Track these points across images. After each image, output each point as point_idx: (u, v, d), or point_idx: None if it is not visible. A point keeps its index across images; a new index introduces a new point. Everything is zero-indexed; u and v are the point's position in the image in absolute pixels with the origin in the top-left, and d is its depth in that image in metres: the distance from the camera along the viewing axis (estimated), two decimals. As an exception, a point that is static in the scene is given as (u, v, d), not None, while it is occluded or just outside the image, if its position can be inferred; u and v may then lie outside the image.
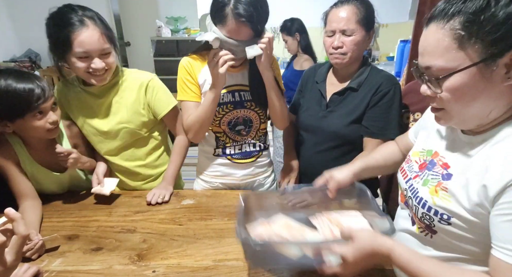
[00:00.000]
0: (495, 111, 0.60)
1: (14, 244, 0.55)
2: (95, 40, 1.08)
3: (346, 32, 1.15)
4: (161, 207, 1.23)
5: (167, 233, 1.08)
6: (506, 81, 0.56)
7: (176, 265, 0.94)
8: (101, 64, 1.11)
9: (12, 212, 0.56)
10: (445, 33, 0.58)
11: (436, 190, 0.69)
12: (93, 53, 1.09)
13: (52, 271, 0.91)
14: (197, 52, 1.25)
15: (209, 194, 1.32)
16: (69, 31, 1.05)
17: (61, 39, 1.06)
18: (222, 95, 1.23)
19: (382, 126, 1.20)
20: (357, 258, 0.65)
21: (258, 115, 1.30)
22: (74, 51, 1.07)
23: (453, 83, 0.59)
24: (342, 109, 1.25)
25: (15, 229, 0.55)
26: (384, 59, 4.62)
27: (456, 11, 0.57)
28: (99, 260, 0.96)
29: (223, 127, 1.28)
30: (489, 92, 0.58)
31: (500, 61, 0.55)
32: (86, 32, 1.06)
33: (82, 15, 1.08)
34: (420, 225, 0.75)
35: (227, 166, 1.35)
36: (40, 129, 1.06)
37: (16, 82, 0.99)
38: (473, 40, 0.56)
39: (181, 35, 4.48)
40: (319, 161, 1.33)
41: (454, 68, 0.58)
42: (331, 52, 1.20)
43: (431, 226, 0.71)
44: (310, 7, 4.39)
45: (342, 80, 1.28)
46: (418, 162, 0.79)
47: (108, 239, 1.05)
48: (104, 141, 1.29)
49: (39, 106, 1.02)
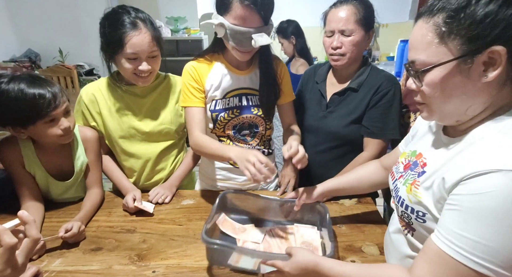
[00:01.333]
0: (472, 108, 0.61)
1: (25, 247, 0.56)
2: (146, 43, 1.09)
3: (345, 32, 1.15)
4: (161, 207, 1.23)
5: (167, 233, 1.08)
6: (483, 79, 0.57)
7: (175, 265, 0.94)
8: (147, 67, 1.12)
9: (25, 214, 0.56)
10: (428, 28, 0.60)
11: (411, 188, 0.71)
12: (142, 55, 1.10)
13: (52, 271, 0.91)
14: (202, 56, 1.21)
15: (209, 194, 1.31)
16: (123, 32, 1.06)
17: (114, 39, 1.07)
18: (228, 100, 1.20)
19: (382, 126, 1.19)
20: (291, 270, 0.77)
21: (264, 121, 1.26)
22: (125, 52, 1.08)
23: (432, 77, 0.61)
24: (342, 110, 1.25)
25: (27, 231, 0.56)
26: (384, 59, 4.62)
27: (441, 8, 0.59)
28: (98, 260, 0.96)
29: (227, 132, 1.25)
30: (467, 89, 0.59)
31: (478, 58, 0.56)
32: (139, 35, 1.08)
33: (135, 17, 1.09)
34: (402, 224, 0.77)
35: (228, 170, 1.32)
36: (52, 135, 1.06)
37: (28, 87, 0.98)
38: (453, 36, 0.57)
39: (181, 35, 4.48)
40: (319, 161, 1.33)
41: (434, 62, 0.60)
42: (331, 53, 1.20)
43: (410, 224, 0.73)
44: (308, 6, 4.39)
45: (342, 80, 1.28)
46: (404, 163, 0.81)
47: (107, 239, 1.05)
48: (141, 143, 1.28)
49: (50, 113, 1.01)
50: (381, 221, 1.13)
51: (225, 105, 1.20)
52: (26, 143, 1.13)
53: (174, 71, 1.36)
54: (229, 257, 0.87)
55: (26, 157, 1.13)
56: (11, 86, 0.98)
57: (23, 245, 0.56)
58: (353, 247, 1.00)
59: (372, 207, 1.22)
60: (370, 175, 1.03)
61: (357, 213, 1.18)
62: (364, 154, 1.24)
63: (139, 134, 1.26)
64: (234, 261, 0.87)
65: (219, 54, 1.20)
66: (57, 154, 1.17)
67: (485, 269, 0.53)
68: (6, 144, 1.12)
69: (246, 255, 0.86)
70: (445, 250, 0.57)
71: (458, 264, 0.55)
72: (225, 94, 1.19)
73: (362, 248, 1.00)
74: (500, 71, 0.56)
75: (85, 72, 3.92)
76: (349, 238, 1.04)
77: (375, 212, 1.19)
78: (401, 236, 0.80)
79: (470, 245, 0.54)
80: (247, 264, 0.87)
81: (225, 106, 1.20)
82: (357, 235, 1.06)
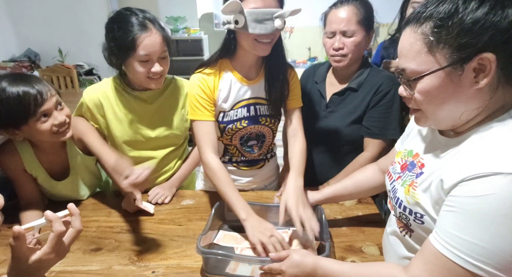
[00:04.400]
0: (466, 114, 0.62)
1: (69, 236, 0.63)
2: (158, 44, 1.07)
3: (347, 33, 1.14)
4: (161, 207, 1.23)
5: (167, 233, 1.08)
6: (474, 85, 0.57)
7: (175, 266, 0.94)
8: (160, 68, 1.09)
9: (73, 207, 0.64)
10: (417, 37, 0.60)
11: (409, 190, 0.71)
12: (154, 56, 1.08)
13: (52, 271, 0.91)
14: (208, 66, 1.13)
15: (209, 194, 1.31)
16: (135, 34, 1.03)
17: (126, 42, 1.04)
18: (236, 111, 1.16)
19: (383, 126, 1.19)
20: (288, 269, 0.78)
21: (271, 130, 1.24)
22: (137, 54, 1.05)
23: (424, 86, 0.61)
24: (342, 110, 1.25)
25: (72, 222, 0.64)
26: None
27: (428, 16, 0.58)
28: (98, 261, 0.96)
29: (234, 142, 1.23)
30: (459, 95, 0.60)
31: (468, 66, 0.56)
32: (150, 36, 1.05)
33: (143, 18, 1.07)
34: (399, 225, 0.77)
35: (232, 173, 1.30)
36: (47, 133, 1.02)
37: (10, 86, 0.95)
38: (442, 45, 0.57)
39: (181, 35, 4.47)
40: (319, 161, 1.33)
41: (424, 71, 0.60)
42: (332, 54, 1.19)
43: (408, 225, 0.73)
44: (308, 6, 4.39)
45: (342, 80, 1.28)
46: (400, 163, 0.81)
47: (107, 239, 1.05)
48: (146, 148, 1.26)
49: (38, 109, 0.98)
50: (381, 221, 1.13)
51: (233, 117, 1.17)
52: (23, 145, 1.11)
53: (173, 71, 1.35)
54: (226, 266, 0.87)
55: (25, 160, 1.11)
56: None
57: (68, 234, 0.63)
58: (353, 247, 1.00)
59: (372, 207, 1.22)
60: (368, 180, 1.03)
61: (357, 213, 1.18)
62: (364, 154, 1.24)
63: (144, 140, 1.24)
64: (232, 270, 0.88)
65: (227, 62, 1.14)
66: (54, 153, 1.15)
67: (481, 271, 0.53)
68: (3, 149, 1.10)
69: (243, 263, 0.86)
70: (442, 251, 0.57)
71: (455, 266, 0.55)
72: (233, 106, 1.16)
73: (362, 248, 1.00)
74: (490, 77, 0.56)
75: (84, 72, 3.90)
76: (349, 238, 1.04)
77: (375, 213, 1.19)
78: (397, 237, 0.80)
79: (467, 247, 0.54)
80: (245, 271, 0.88)
81: (233, 118, 1.16)
82: (357, 235, 1.06)
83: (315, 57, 4.91)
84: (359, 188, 1.05)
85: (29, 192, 1.14)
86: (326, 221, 0.98)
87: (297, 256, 0.79)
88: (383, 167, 1.00)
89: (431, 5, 0.59)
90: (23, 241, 0.57)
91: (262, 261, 0.84)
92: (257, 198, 1.28)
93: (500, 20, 0.53)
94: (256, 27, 0.98)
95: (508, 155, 0.53)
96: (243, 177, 1.33)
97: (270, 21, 0.99)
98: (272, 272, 0.81)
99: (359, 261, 0.95)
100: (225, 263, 0.88)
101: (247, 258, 0.88)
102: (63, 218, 0.63)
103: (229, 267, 0.88)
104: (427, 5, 0.60)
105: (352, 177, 1.07)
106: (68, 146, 1.18)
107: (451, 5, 0.56)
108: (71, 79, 3.47)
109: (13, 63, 3.65)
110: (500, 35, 0.53)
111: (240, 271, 0.88)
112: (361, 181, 1.05)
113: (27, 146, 1.11)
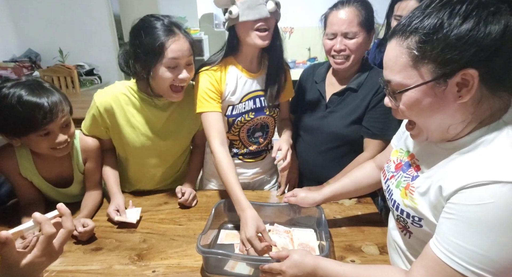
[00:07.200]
0: (453, 127, 0.62)
1: (60, 237, 0.61)
2: (186, 48, 1.06)
3: (348, 34, 1.14)
4: (161, 207, 1.23)
5: (167, 233, 1.08)
6: (458, 100, 0.58)
7: (176, 265, 0.94)
8: (187, 75, 1.08)
9: (64, 207, 0.61)
10: (402, 51, 0.60)
11: (406, 193, 0.72)
12: (182, 61, 1.06)
13: (52, 271, 0.91)
14: (214, 64, 1.17)
15: (209, 194, 1.32)
16: (163, 39, 1.01)
17: (154, 47, 1.01)
18: (244, 104, 1.21)
19: (383, 127, 1.20)
20: (288, 269, 0.78)
21: (274, 120, 1.31)
22: (166, 59, 1.03)
23: (408, 98, 0.62)
24: (342, 110, 1.25)
25: (63, 223, 0.61)
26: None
27: (414, 29, 0.58)
28: (99, 260, 0.96)
29: (241, 135, 1.27)
30: (444, 109, 0.60)
31: (451, 80, 0.56)
32: (178, 40, 1.04)
33: (169, 23, 1.05)
34: (399, 225, 0.78)
35: (238, 166, 1.32)
36: (44, 148, 1.01)
37: (27, 95, 0.93)
38: (426, 60, 0.57)
39: (181, 35, 4.49)
40: (319, 161, 1.33)
41: (409, 85, 0.60)
42: (333, 55, 1.19)
43: (406, 227, 0.73)
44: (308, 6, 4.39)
45: (342, 81, 1.28)
46: (395, 162, 0.81)
47: (108, 239, 1.05)
48: (157, 154, 1.26)
49: (44, 127, 0.96)
50: (381, 221, 1.13)
51: (241, 109, 1.21)
52: (22, 150, 1.09)
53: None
54: (225, 264, 0.88)
55: (21, 165, 1.10)
56: (12, 91, 0.93)
57: (59, 235, 0.60)
58: (352, 247, 1.00)
59: (371, 207, 1.22)
60: (367, 177, 1.04)
61: (357, 213, 1.18)
62: (364, 155, 1.24)
63: (156, 146, 1.23)
64: (230, 267, 0.88)
65: (230, 59, 1.19)
66: (55, 162, 1.14)
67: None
68: (1, 152, 1.09)
69: (241, 262, 0.87)
70: (442, 259, 0.58)
71: (455, 273, 0.56)
72: (241, 98, 1.20)
73: (362, 248, 1.00)
74: (474, 92, 0.56)
75: (85, 72, 3.91)
76: (348, 238, 1.05)
77: (375, 212, 1.19)
78: (399, 231, 0.80)
79: (467, 255, 0.55)
80: (243, 270, 0.88)
81: (242, 110, 1.21)
82: (357, 235, 1.06)
83: (314, 57, 4.91)
84: (358, 186, 1.05)
85: (28, 193, 1.14)
86: (325, 220, 0.99)
87: (297, 256, 0.79)
88: (379, 163, 1.01)
89: (416, 19, 0.58)
90: (12, 246, 0.55)
91: (262, 261, 0.84)
92: (257, 198, 1.28)
93: (484, 37, 0.53)
94: (250, 14, 1.03)
95: (508, 164, 0.53)
96: (248, 168, 1.36)
97: (263, 5, 1.03)
98: (272, 272, 0.81)
99: (359, 260, 0.95)
100: (225, 263, 0.89)
101: (247, 258, 0.89)
102: (52, 219, 0.60)
103: (227, 265, 0.88)
104: (412, 18, 0.59)
105: (350, 175, 1.08)
106: (75, 158, 1.17)
107: (436, 20, 0.56)
108: (71, 80, 3.48)
109: (13, 63, 3.66)
110: (482, 52, 0.53)
111: (238, 269, 0.88)
112: (359, 178, 1.05)
113: (26, 152, 1.10)
